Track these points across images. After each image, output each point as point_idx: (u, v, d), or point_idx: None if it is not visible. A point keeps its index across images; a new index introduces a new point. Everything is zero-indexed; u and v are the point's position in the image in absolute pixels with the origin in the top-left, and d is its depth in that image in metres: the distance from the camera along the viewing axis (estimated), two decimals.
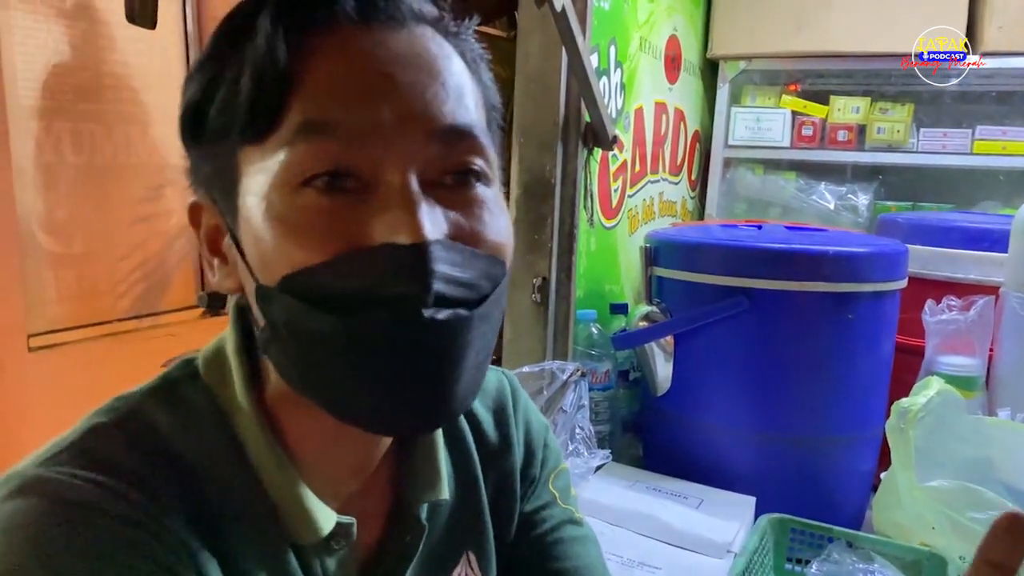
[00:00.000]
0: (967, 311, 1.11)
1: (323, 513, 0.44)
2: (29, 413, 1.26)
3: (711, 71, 2.00)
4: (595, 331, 1.30)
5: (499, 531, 0.57)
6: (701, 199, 2.06)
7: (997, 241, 1.22)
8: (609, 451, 1.10)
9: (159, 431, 0.42)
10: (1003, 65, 1.70)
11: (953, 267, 1.27)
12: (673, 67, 1.73)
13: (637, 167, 1.57)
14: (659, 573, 0.87)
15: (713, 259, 1.07)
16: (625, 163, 1.50)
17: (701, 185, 2.05)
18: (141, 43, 1.42)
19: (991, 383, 1.16)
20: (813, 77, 1.96)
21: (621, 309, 1.35)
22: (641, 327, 1.16)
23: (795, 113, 1.92)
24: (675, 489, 1.05)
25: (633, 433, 1.36)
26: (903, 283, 1.08)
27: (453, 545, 0.54)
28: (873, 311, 1.05)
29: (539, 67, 1.23)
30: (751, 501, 1.02)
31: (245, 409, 0.43)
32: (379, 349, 0.37)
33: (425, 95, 0.38)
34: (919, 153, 1.82)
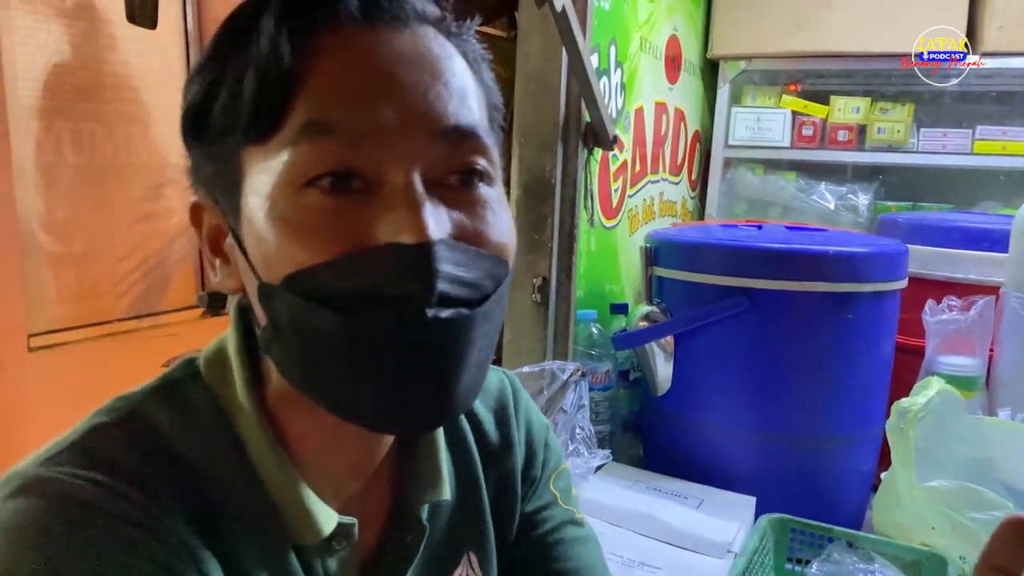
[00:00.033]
0: (967, 311, 1.11)
1: (324, 513, 0.44)
2: (29, 413, 1.26)
3: (711, 71, 2.00)
4: (595, 331, 1.30)
5: (500, 531, 0.57)
6: (701, 199, 2.06)
7: (997, 241, 1.22)
8: (609, 451, 1.10)
9: (160, 431, 0.42)
10: (1003, 65, 1.70)
11: (953, 267, 1.27)
12: (673, 67, 1.73)
13: (637, 167, 1.57)
14: (659, 573, 0.87)
15: (713, 259, 1.07)
16: (625, 163, 1.50)
17: (701, 185, 2.05)
18: (141, 43, 1.42)
19: (991, 383, 1.16)
20: (813, 77, 1.96)
21: (621, 309, 1.35)
22: (641, 327, 1.16)
23: (795, 113, 1.92)
24: (675, 489, 1.05)
25: (633, 433, 1.36)
26: (903, 283, 1.08)
27: (454, 545, 0.54)
28: (873, 311, 1.05)
29: (539, 67, 1.23)
30: (751, 501, 1.02)
31: (246, 409, 0.43)
32: (382, 348, 0.37)
33: (428, 95, 0.38)
34: (919, 153, 1.82)
